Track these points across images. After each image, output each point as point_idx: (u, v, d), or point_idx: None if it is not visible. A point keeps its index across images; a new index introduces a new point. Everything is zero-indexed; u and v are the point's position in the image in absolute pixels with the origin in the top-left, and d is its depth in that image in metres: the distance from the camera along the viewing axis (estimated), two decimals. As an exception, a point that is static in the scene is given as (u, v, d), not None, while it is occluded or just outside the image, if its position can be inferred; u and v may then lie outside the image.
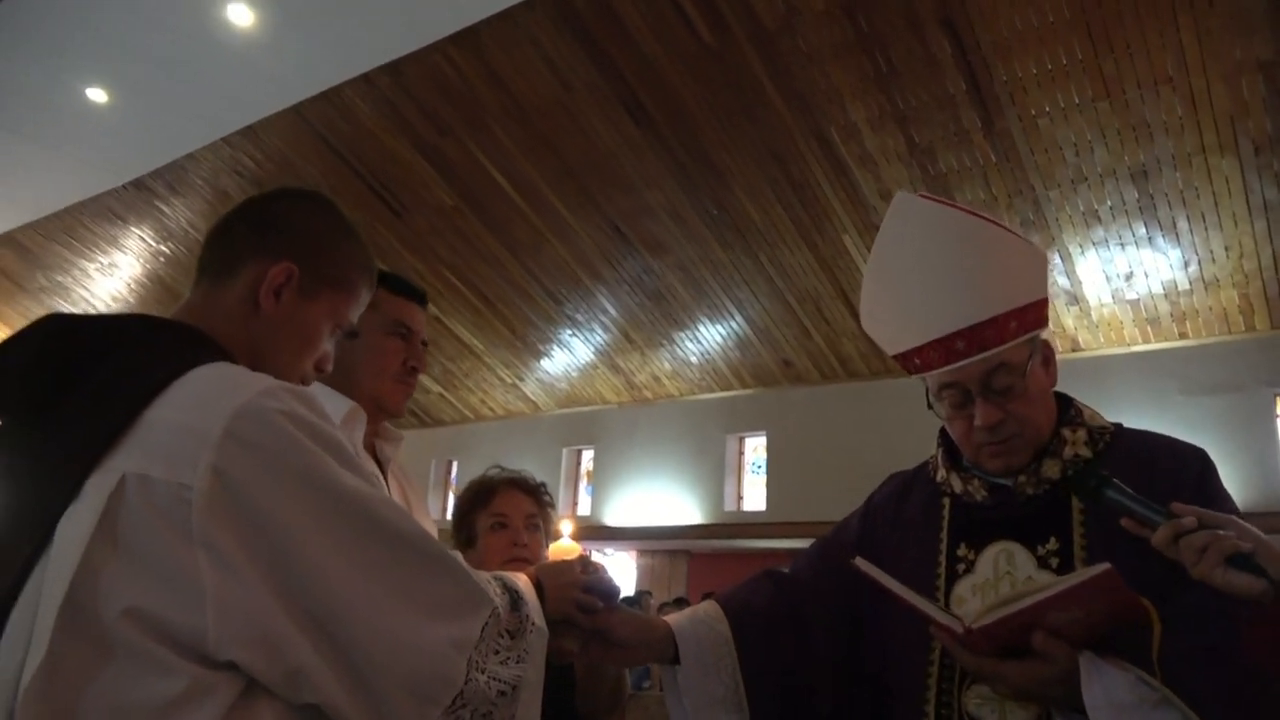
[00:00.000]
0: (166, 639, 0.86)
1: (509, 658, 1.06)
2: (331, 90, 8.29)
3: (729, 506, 10.37)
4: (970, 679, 1.29)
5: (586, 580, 1.28)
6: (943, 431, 1.48)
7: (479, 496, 1.79)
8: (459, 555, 1.06)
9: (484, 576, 1.09)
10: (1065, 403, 1.44)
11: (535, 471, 1.95)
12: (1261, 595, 1.06)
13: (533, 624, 1.12)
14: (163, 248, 11.38)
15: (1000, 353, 1.32)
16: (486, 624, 1.03)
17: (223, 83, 8.22)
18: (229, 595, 0.86)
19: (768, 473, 10.14)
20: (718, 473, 10.47)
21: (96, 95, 8.62)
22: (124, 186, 10.40)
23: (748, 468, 10.59)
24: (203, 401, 0.94)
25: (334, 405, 1.45)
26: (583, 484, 11.83)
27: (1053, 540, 1.32)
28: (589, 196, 8.66)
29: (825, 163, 7.57)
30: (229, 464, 0.89)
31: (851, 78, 6.89)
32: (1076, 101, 6.51)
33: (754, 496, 10.38)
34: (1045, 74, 6.41)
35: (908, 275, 1.38)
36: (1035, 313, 1.36)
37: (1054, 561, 1.31)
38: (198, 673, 0.86)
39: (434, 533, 1.27)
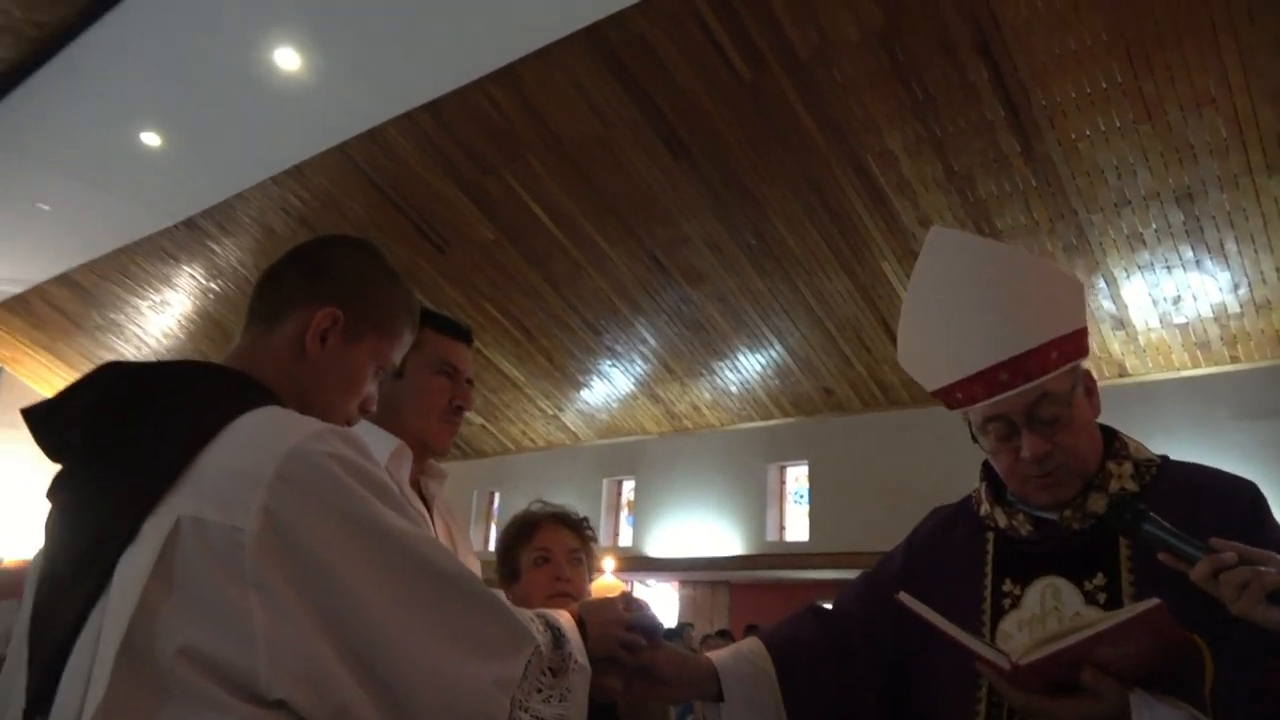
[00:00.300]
0: (220, 678, 0.88)
1: (552, 696, 1.07)
2: (375, 129, 8.47)
3: (771, 536, 10.28)
4: (1018, 716, 1.27)
5: (630, 617, 1.29)
6: (985, 465, 1.47)
7: (522, 532, 1.80)
8: (502, 594, 1.08)
9: (526, 614, 1.11)
10: (1110, 435, 1.42)
11: (576, 502, 1.96)
12: None
13: (575, 662, 1.13)
14: (213, 285, 11.66)
15: (1044, 383, 1.31)
16: (529, 662, 1.04)
17: (270, 124, 8.45)
18: (279, 634, 0.89)
19: (810, 502, 10.05)
20: (759, 502, 10.40)
21: (150, 139, 8.91)
22: (176, 226, 10.69)
23: (790, 497, 10.50)
24: (254, 445, 0.97)
25: (380, 444, 1.48)
26: (624, 514, 11.82)
27: (1100, 575, 1.30)
28: (627, 228, 8.73)
29: (863, 191, 7.56)
30: (279, 506, 0.92)
31: (888, 106, 6.89)
32: (1117, 124, 6.45)
33: (796, 526, 10.28)
34: (1085, 97, 6.36)
35: (946, 310, 1.38)
36: (1076, 342, 1.36)
37: (1101, 597, 1.29)
38: (249, 711, 0.88)
39: (478, 570, 1.30)
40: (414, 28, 7.07)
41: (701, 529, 10.65)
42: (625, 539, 11.47)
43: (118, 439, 1.02)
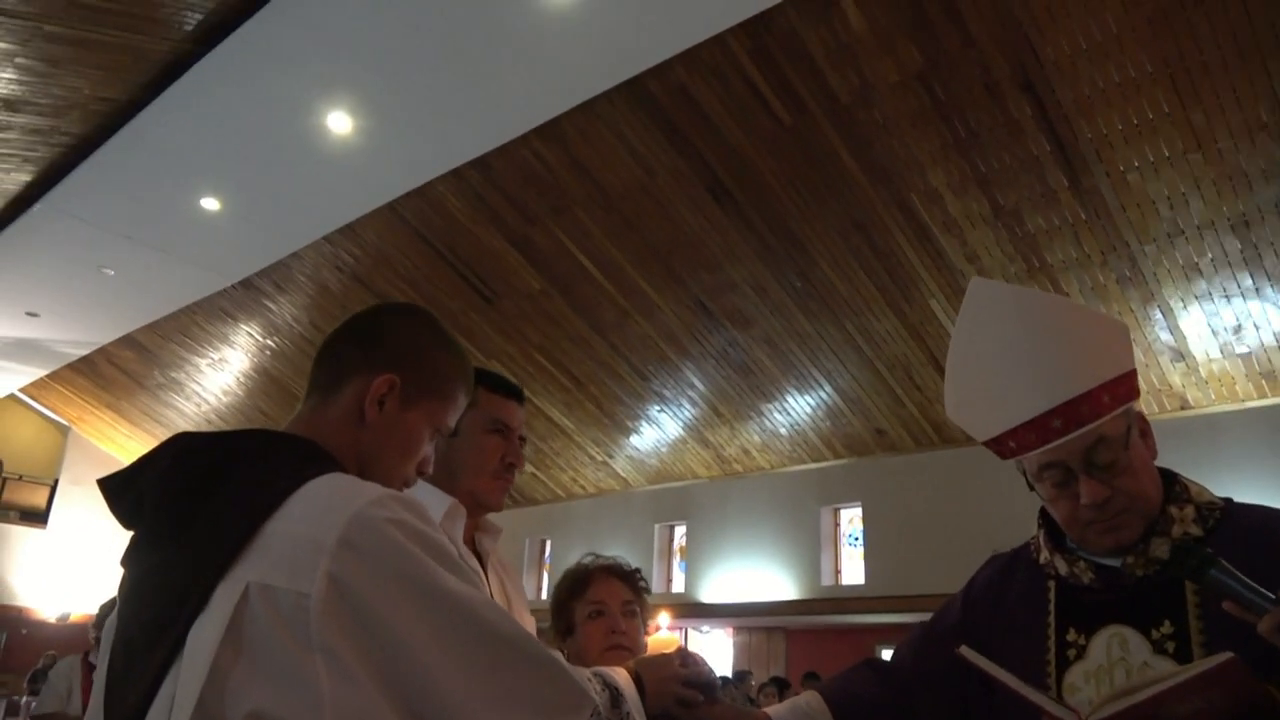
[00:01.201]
0: None
1: None
2: (424, 186, 8.69)
3: (826, 581, 10.11)
4: None
5: (686, 674, 1.29)
6: (1043, 512, 1.45)
7: (575, 586, 1.81)
8: (559, 655, 1.09)
9: (584, 674, 1.12)
10: (1169, 479, 1.40)
11: (628, 548, 1.97)
12: None
13: None
14: (269, 342, 11.95)
15: (1098, 427, 1.30)
16: None
17: (324, 185, 8.71)
18: (345, 698, 0.90)
19: (865, 544, 9.88)
20: (813, 546, 10.25)
21: (209, 204, 9.23)
22: (234, 286, 11.02)
23: (844, 540, 10.34)
24: (318, 512, 0.99)
25: (435, 502, 1.51)
26: (676, 560, 11.72)
27: (1167, 624, 1.27)
28: (673, 275, 8.79)
29: (908, 230, 7.54)
30: (343, 571, 0.94)
31: (931, 145, 6.89)
32: (1167, 155, 6.36)
33: (852, 569, 10.11)
34: (1132, 129, 6.30)
35: (992, 360, 1.38)
36: (1126, 384, 1.34)
37: (1170, 646, 1.25)
38: None
39: (531, 625, 1.31)
40: (460, 87, 7.27)
41: (755, 574, 10.52)
42: (678, 585, 11.37)
43: (188, 508, 1.05)
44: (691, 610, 10.81)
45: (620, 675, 1.19)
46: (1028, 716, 1.22)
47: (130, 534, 1.12)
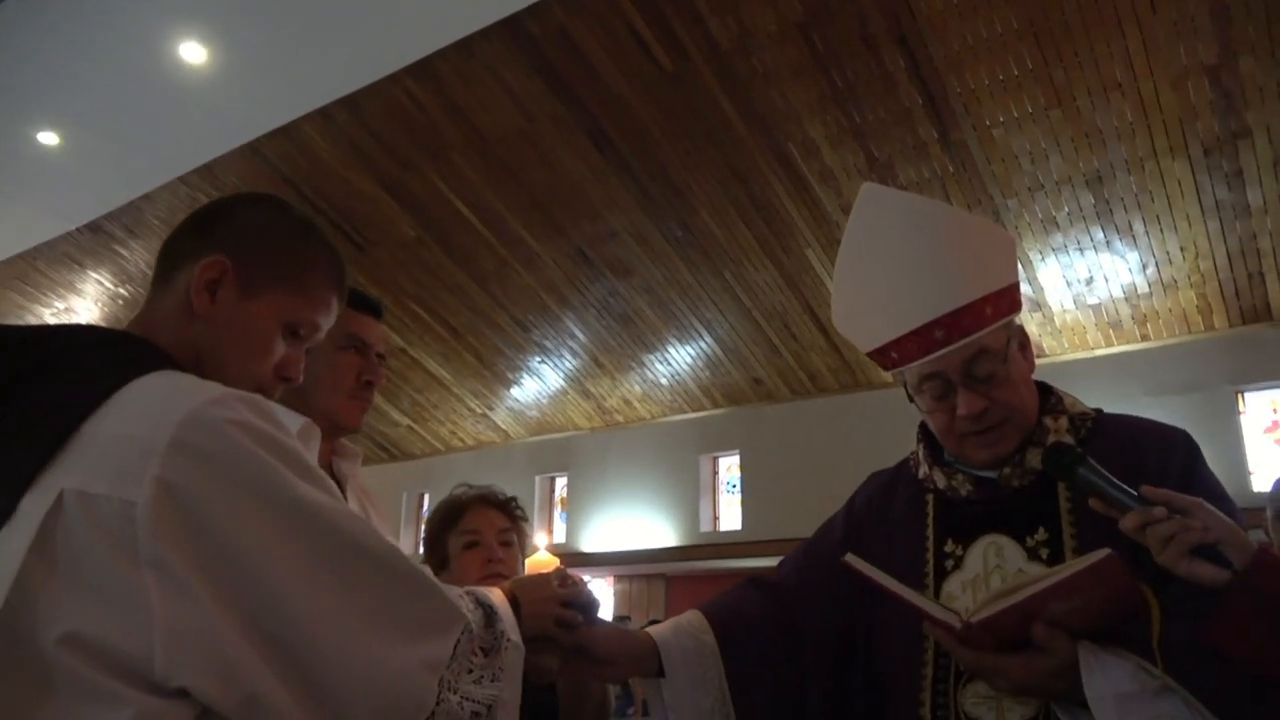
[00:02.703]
0: (110, 666, 0.79)
1: (483, 676, 1.01)
2: (289, 125, 8.22)
3: (705, 527, 10.31)
4: (966, 677, 1.25)
5: (565, 594, 1.23)
6: (922, 426, 1.46)
7: (449, 516, 1.73)
8: (428, 570, 1.01)
9: (455, 591, 1.04)
10: (1045, 391, 1.42)
11: None
12: (1224, 585, 1.05)
13: (508, 640, 1.07)
14: (121, 290, 11.19)
15: (979, 338, 1.30)
16: (459, 642, 0.98)
17: (177, 122, 8.13)
18: (179, 617, 0.80)
19: (743, 492, 10.11)
20: (693, 494, 10.42)
21: (48, 138, 8.49)
22: (79, 230, 10.23)
23: (723, 487, 10.55)
24: (147, 412, 0.88)
25: (286, 422, 1.39)
26: (557, 511, 11.73)
27: (1041, 531, 1.29)
28: (554, 223, 8.65)
29: (787, 180, 7.62)
30: (176, 476, 0.83)
31: (809, 96, 6.96)
32: (1030, 111, 6.61)
33: (730, 516, 10.34)
34: (998, 84, 6.51)
35: (879, 268, 1.36)
36: (1009, 297, 1.35)
37: (1044, 552, 1.28)
38: (145, 702, 0.80)
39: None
40: (326, 20, 6.87)
41: (635, 523, 10.63)
42: (559, 535, 11.39)
43: None
44: (573, 560, 10.84)
45: (495, 594, 1.12)
46: (908, 623, 1.23)
47: None
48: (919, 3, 6.17)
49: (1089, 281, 7.76)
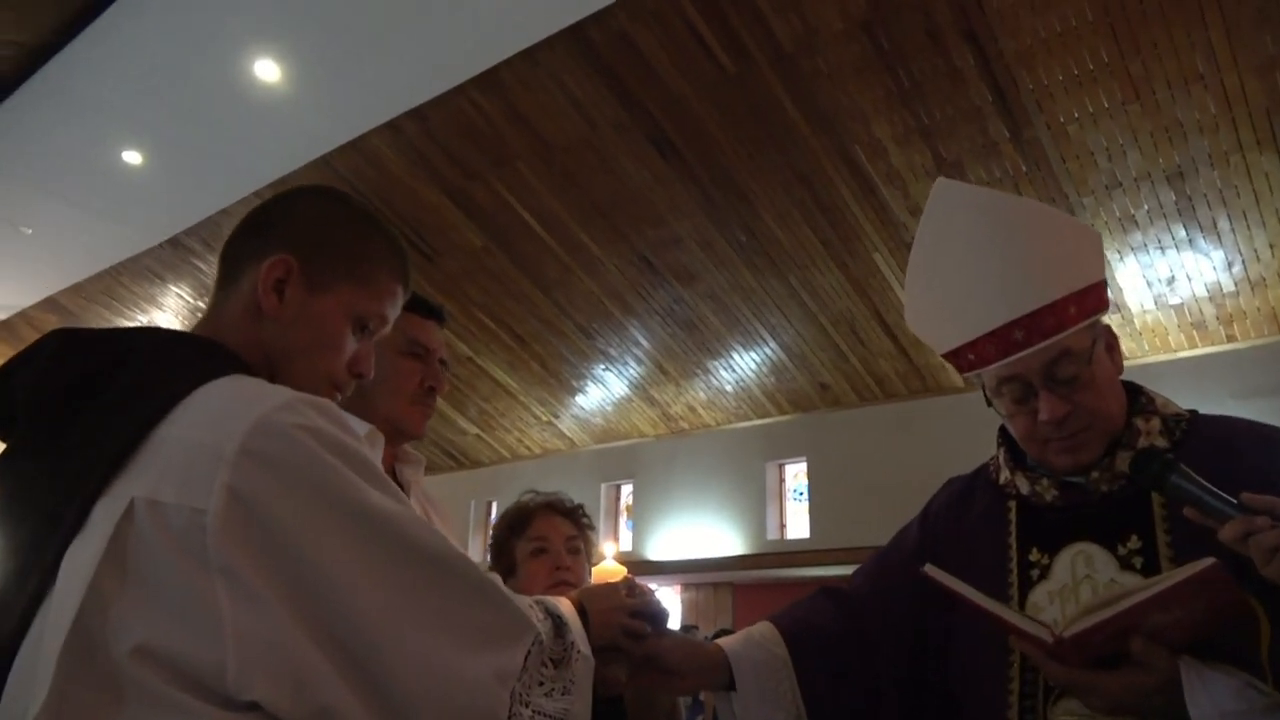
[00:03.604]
0: (181, 678, 0.79)
1: (554, 689, 0.99)
2: (359, 139, 8.39)
3: (772, 535, 10.20)
4: (1057, 693, 1.18)
5: (633, 604, 1.20)
6: (1003, 430, 1.39)
7: (516, 523, 1.72)
8: (498, 579, 1.00)
9: (525, 601, 1.02)
10: (1135, 391, 1.34)
11: None
12: None
13: (578, 652, 1.04)
14: (200, 304, 11.54)
15: (1061, 340, 1.23)
16: (530, 652, 0.96)
17: (253, 137, 8.36)
18: (250, 626, 0.79)
19: (810, 499, 9.97)
20: (759, 501, 10.32)
21: (131, 157, 8.81)
22: (161, 245, 10.58)
23: (789, 495, 10.42)
24: (216, 418, 0.87)
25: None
26: (623, 519, 11.72)
27: (1134, 539, 1.22)
28: (617, 230, 8.66)
29: (852, 182, 7.50)
30: (245, 484, 0.82)
31: (874, 95, 6.84)
32: (1106, 105, 6.40)
33: (797, 524, 10.21)
34: (1072, 79, 6.31)
35: (955, 266, 1.30)
36: (1095, 296, 1.28)
37: (1137, 561, 1.21)
38: (216, 716, 0.79)
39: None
40: (393, 34, 7.00)
41: (702, 530, 10.56)
42: (625, 543, 11.38)
43: (66, 414, 0.92)
44: (639, 568, 10.81)
45: (564, 605, 1.10)
46: (993, 637, 1.17)
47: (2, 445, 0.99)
48: (988, -3, 6.02)
49: (1171, 281, 7.48)
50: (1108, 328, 1.32)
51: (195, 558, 0.81)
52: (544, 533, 1.69)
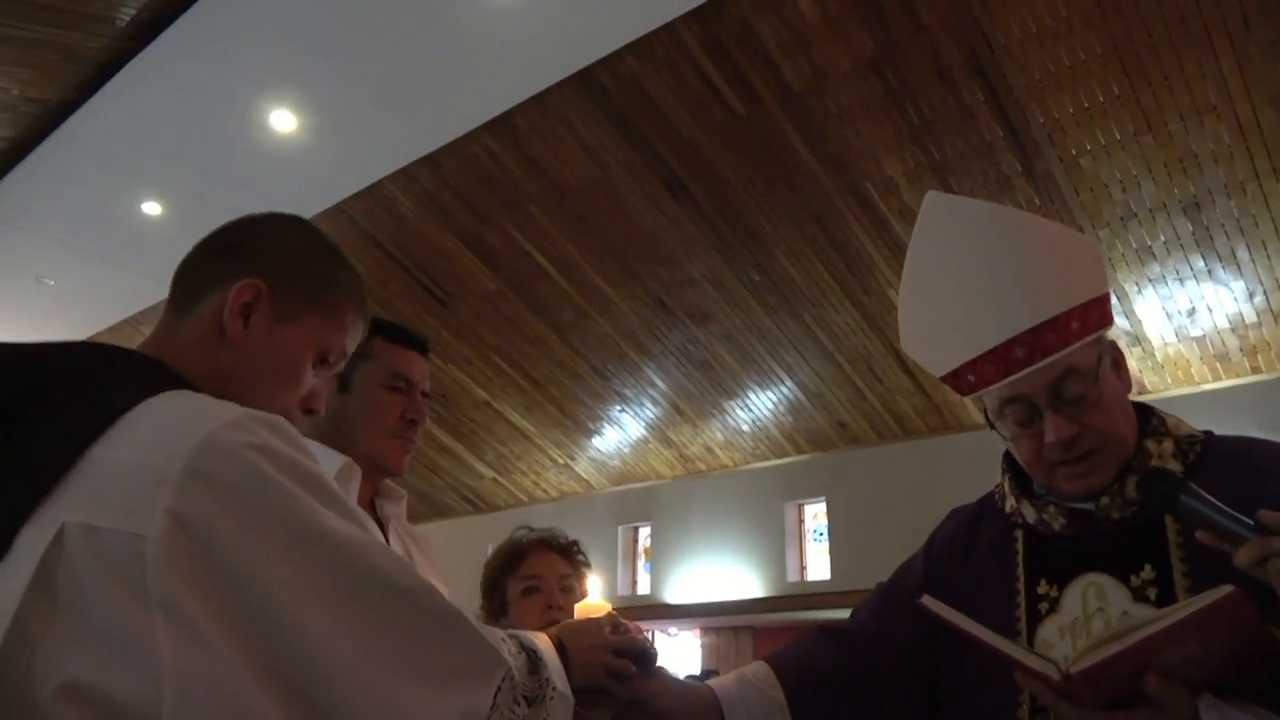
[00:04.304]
0: (112, 719, 0.73)
1: None
2: (374, 186, 8.48)
3: (792, 577, 10.02)
4: None
5: (617, 641, 1.14)
6: (1007, 455, 1.33)
7: (508, 560, 1.67)
8: (465, 611, 0.94)
9: (497, 634, 0.96)
10: (1146, 413, 1.28)
11: (592, 551, 1.82)
12: None
13: (554, 689, 0.98)
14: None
15: (1065, 356, 1.17)
16: (500, 689, 0.89)
17: (269, 186, 8.46)
18: (191, 664, 0.73)
19: (830, 539, 9.81)
20: (778, 543, 10.16)
21: (151, 208, 8.93)
22: (180, 294, 10.67)
23: (809, 535, 10.26)
24: (158, 436, 0.81)
25: (325, 462, 1.35)
26: (641, 562, 11.58)
27: (1147, 569, 1.14)
28: (630, 272, 8.67)
29: (865, 219, 7.48)
30: (190, 508, 0.76)
31: (885, 133, 6.84)
32: (1118, 137, 6.36)
33: (818, 565, 10.03)
34: (1083, 112, 6.29)
35: (950, 283, 1.25)
36: (1098, 310, 1.22)
37: (1151, 593, 1.13)
38: None
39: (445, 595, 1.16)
40: (406, 82, 7.09)
41: (721, 573, 10.40)
42: (644, 587, 11.22)
43: None
44: (658, 612, 10.65)
45: (541, 639, 1.04)
46: (999, 674, 1.10)
47: None
48: (995, 33, 6.03)
49: (1191, 313, 7.37)
50: (1113, 344, 1.26)
51: (132, 588, 0.75)
52: (537, 571, 1.63)
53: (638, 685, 1.14)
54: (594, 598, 1.57)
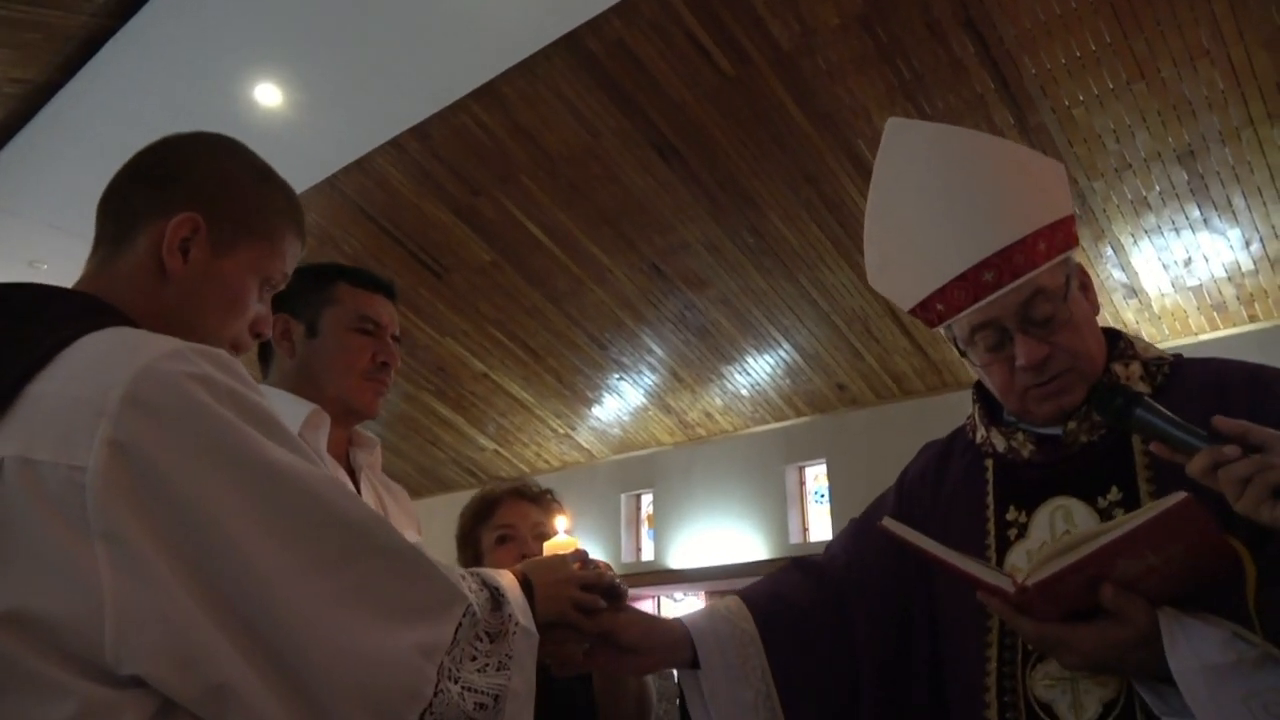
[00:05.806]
0: (53, 650, 0.72)
1: (488, 664, 0.91)
2: (364, 159, 8.42)
3: (794, 539, 10.07)
4: (1036, 657, 1.10)
5: (584, 576, 1.13)
6: (978, 386, 1.33)
7: (481, 511, 1.67)
8: (423, 547, 0.93)
9: (456, 571, 0.96)
10: (1113, 337, 1.27)
11: (595, 520, 1.82)
12: None
13: (518, 624, 0.97)
14: (216, 331, 11.62)
15: (1034, 278, 1.16)
16: (460, 625, 0.88)
17: (257, 162, 8.41)
18: (134, 595, 0.72)
19: (831, 500, 9.84)
20: (780, 505, 10.20)
21: (140, 188, 8.88)
22: (174, 275, 10.65)
23: (810, 497, 10.29)
24: (96, 369, 0.80)
25: (291, 410, 1.34)
26: (644, 529, 11.63)
27: (1114, 490, 1.14)
28: (625, 239, 8.62)
29: (858, 178, 7.42)
30: (129, 438, 0.75)
31: (876, 90, 6.77)
32: (1111, 86, 6.29)
33: (819, 526, 10.08)
34: (1075, 62, 6.21)
35: (915, 211, 1.23)
36: (1064, 231, 1.21)
37: (1118, 513, 1.13)
38: (94, 692, 0.72)
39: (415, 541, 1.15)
40: (391, 53, 7.02)
41: (724, 536, 10.46)
42: (648, 554, 11.28)
43: None
44: (663, 577, 10.72)
45: (505, 576, 1.03)
46: (969, 598, 1.09)
47: None
48: (984, -17, 5.95)
49: (1188, 262, 7.33)
50: (1080, 266, 1.25)
51: (73, 520, 0.74)
52: (510, 520, 1.63)
53: (606, 619, 1.14)
54: (561, 536, 1.56)
